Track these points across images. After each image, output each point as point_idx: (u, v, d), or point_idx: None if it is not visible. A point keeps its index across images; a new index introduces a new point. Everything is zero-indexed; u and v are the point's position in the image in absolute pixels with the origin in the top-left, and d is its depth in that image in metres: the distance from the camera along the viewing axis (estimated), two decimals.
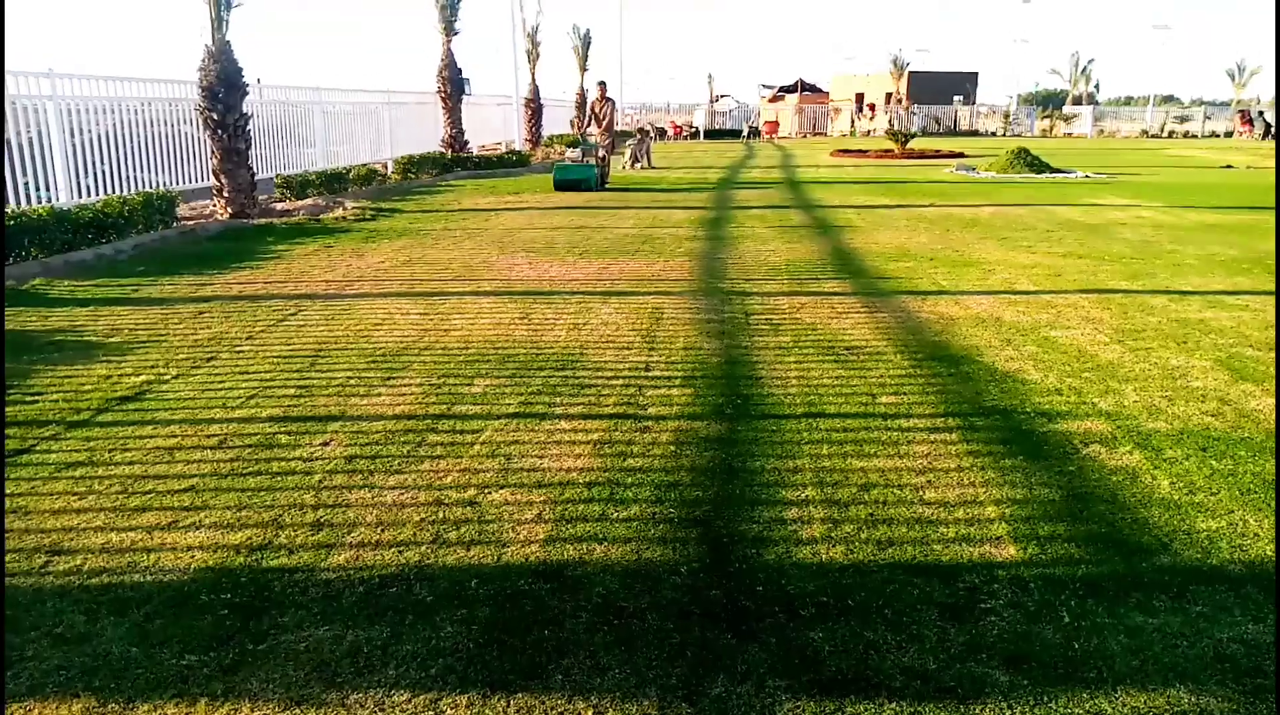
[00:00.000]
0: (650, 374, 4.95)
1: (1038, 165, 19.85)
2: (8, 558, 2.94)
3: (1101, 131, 48.74)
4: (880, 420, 4.22)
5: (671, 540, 3.07)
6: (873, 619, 2.61)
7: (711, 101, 58.65)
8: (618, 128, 20.94)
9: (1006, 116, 51.08)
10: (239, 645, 2.47)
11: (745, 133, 44.61)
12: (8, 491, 3.43)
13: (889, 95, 51.15)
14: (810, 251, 9.26)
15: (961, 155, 26.06)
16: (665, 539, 3.08)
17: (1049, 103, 61.60)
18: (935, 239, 10.03)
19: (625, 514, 3.26)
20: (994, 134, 48.23)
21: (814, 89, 57.07)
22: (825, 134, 49.69)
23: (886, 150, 28.26)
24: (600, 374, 4.95)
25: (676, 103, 76.50)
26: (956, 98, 52.11)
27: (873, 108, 51.61)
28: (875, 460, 3.75)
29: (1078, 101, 61.74)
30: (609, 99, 17.43)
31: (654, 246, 9.54)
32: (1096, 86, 72.56)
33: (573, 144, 19.76)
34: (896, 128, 35.00)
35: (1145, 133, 47.11)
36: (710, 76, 62.38)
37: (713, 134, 46.78)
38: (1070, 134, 48.32)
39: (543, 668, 2.39)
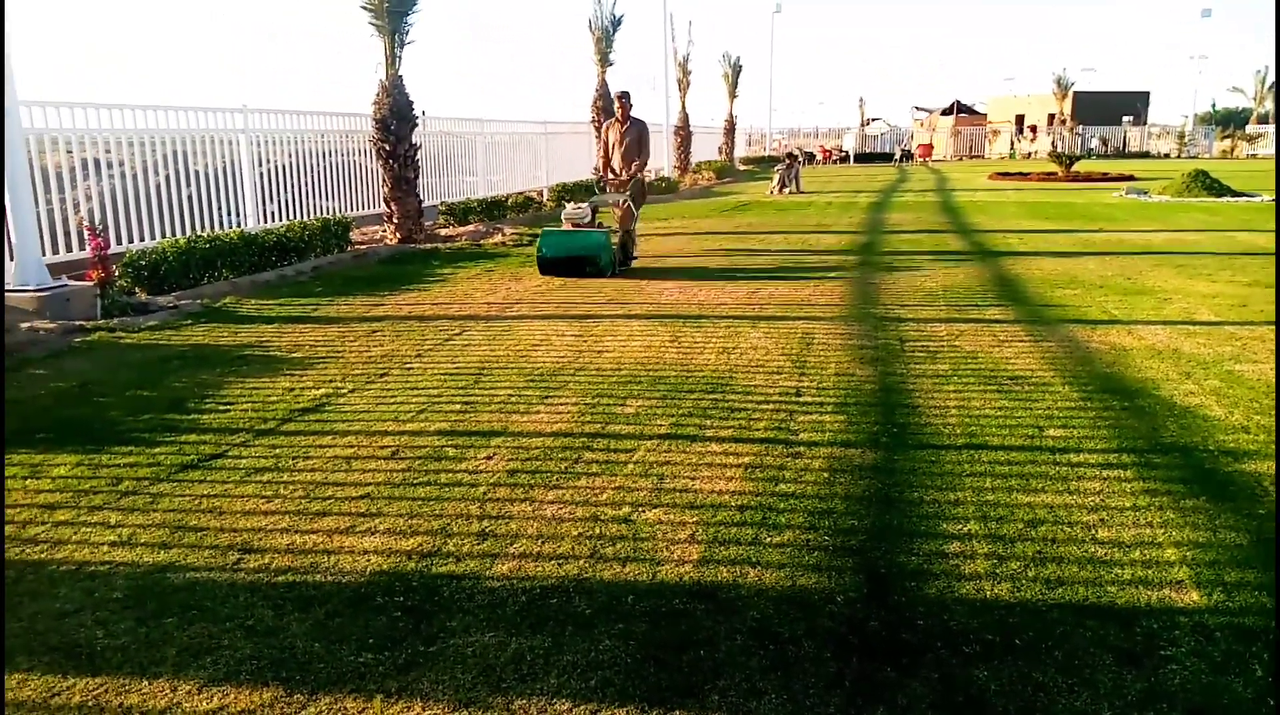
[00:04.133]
0: (801, 400, 4.91)
1: (1217, 188, 18.58)
2: (205, 553, 3.20)
3: None
4: (1048, 454, 4.04)
5: (827, 568, 3.04)
6: (1042, 660, 2.50)
7: (862, 125, 57.76)
8: (648, 169, 12.07)
9: (1181, 137, 47.97)
10: (411, 646, 2.60)
11: (898, 156, 43.68)
12: (205, 492, 3.73)
13: (1051, 116, 49.04)
14: (968, 277, 8.98)
15: (1131, 178, 24.67)
16: (820, 566, 3.05)
17: (1229, 122, 57.51)
18: (1104, 265, 9.54)
19: (778, 539, 3.25)
20: (1167, 156, 45.45)
21: (970, 111, 55.39)
22: (982, 156, 48.09)
23: (1049, 173, 27.11)
24: (750, 398, 4.95)
25: (825, 127, 75.72)
26: (1126, 118, 49.41)
27: (1034, 129, 49.56)
28: (1043, 496, 3.59)
29: (1263, 120, 57.20)
30: (634, 120, 10.39)
31: (804, 271, 9.47)
32: None
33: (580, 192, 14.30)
34: (1060, 149, 33.45)
35: None
36: (861, 99, 61.53)
37: (863, 158, 46.06)
38: (1254, 155, 44.92)
39: (699, 687, 2.40)
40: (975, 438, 4.26)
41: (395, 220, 12.41)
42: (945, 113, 55.14)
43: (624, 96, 10.50)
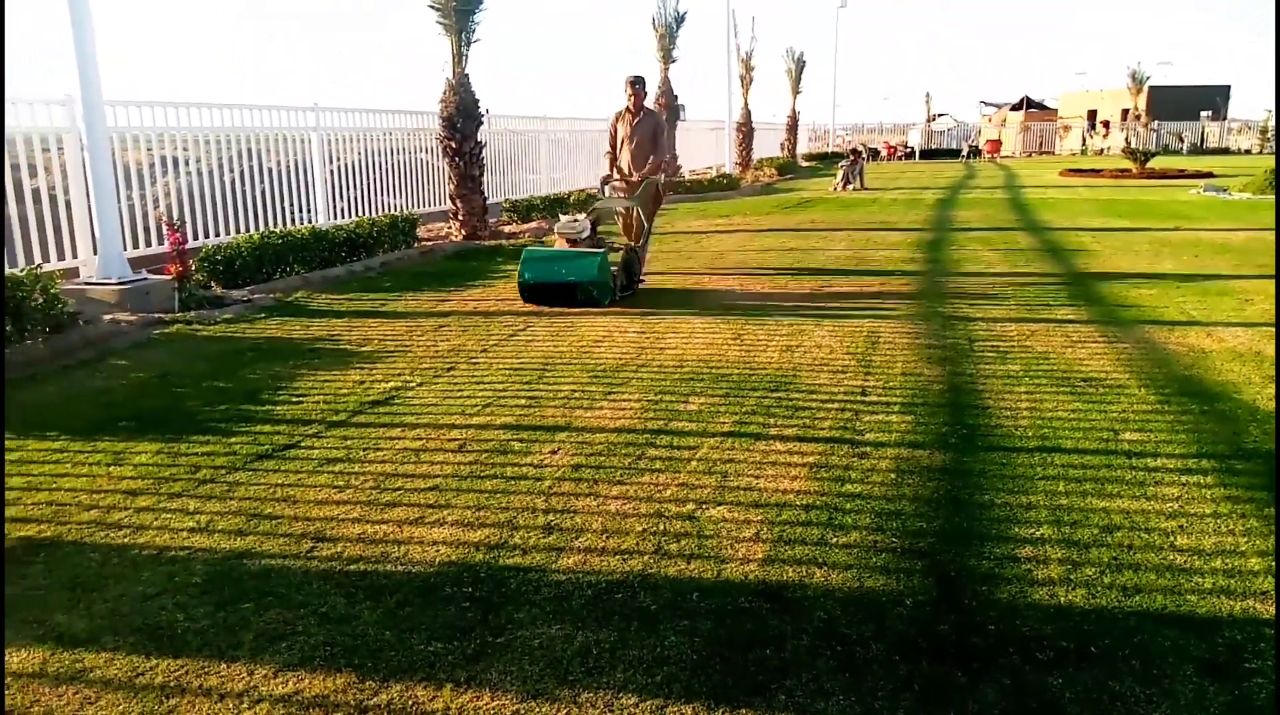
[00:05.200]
0: (867, 399, 4.86)
1: None
2: (280, 541, 3.28)
3: None
4: (1124, 458, 3.94)
5: (895, 570, 3.00)
6: (1119, 669, 2.44)
7: (928, 120, 56.85)
8: (674, 168, 9.58)
9: (1264, 132, 46.18)
10: (479, 637, 2.64)
11: (965, 152, 42.91)
12: (279, 481, 3.83)
13: (1125, 111, 47.66)
14: (1040, 275, 8.77)
15: (1210, 175, 23.87)
16: (888, 568, 3.01)
17: None
18: (1182, 265, 9.25)
19: (845, 540, 3.22)
20: (1248, 152, 43.86)
21: (1040, 106, 54.20)
22: (1053, 153, 47.01)
23: (1123, 170, 26.36)
24: (814, 397, 4.91)
25: (890, 122, 74.72)
26: (1204, 113, 47.81)
27: (1106, 125, 48.26)
28: (1119, 501, 3.50)
29: None
30: (648, 111, 8.72)
31: (869, 268, 9.35)
32: None
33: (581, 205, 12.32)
34: (1134, 146, 32.51)
35: None
36: (928, 95, 60.41)
37: (929, 154, 45.37)
38: None
39: (765, 686, 2.39)
40: (1048, 440, 4.17)
41: (460, 217, 12.57)
42: (1014, 108, 54.05)
43: (636, 83, 8.52)
